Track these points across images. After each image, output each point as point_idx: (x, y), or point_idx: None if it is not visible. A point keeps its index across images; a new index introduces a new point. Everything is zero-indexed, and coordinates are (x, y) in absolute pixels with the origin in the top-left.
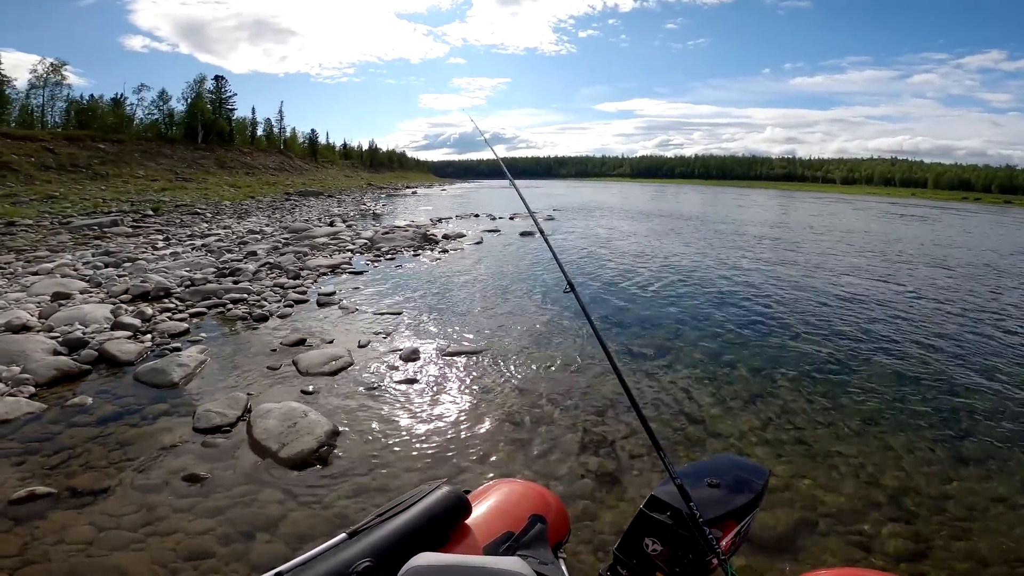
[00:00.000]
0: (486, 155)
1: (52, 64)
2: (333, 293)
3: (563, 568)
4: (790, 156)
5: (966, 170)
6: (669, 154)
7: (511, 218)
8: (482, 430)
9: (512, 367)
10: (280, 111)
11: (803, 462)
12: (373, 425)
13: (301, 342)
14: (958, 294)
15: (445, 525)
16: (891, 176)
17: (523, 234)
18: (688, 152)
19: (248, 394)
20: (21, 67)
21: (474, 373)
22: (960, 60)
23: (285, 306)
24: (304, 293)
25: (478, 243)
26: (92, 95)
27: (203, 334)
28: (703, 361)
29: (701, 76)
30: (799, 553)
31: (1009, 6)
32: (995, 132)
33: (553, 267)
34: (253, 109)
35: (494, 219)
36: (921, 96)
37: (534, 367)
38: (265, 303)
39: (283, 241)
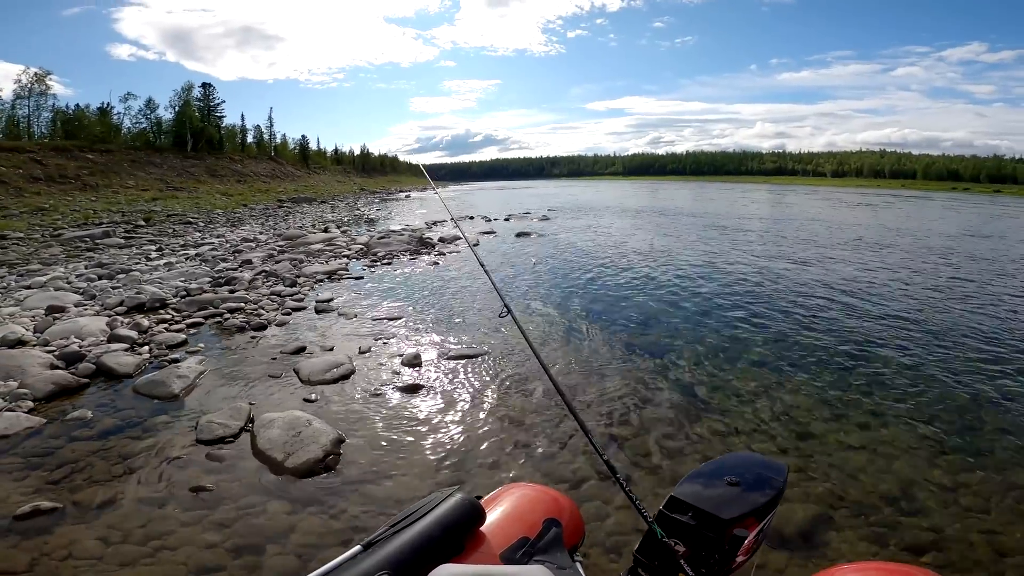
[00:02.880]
0: (478, 157)
1: (36, 74)
2: (331, 299)
3: (581, 571)
4: (780, 151)
5: (954, 160)
6: (661, 151)
7: (506, 219)
8: (488, 434)
9: (515, 369)
10: (270, 117)
11: (815, 456)
12: (378, 432)
13: (301, 350)
14: (947, 280)
15: (460, 533)
16: (881, 168)
17: (519, 235)
18: (679, 149)
19: (250, 404)
20: (5, 77)
21: (477, 376)
22: (942, 53)
23: (283, 314)
24: (302, 300)
25: (474, 245)
26: (78, 105)
27: (201, 344)
28: (707, 356)
29: (689, 73)
30: (816, 548)
31: None
32: (981, 123)
33: (552, 268)
34: (242, 116)
35: (489, 220)
36: (906, 89)
37: (537, 369)
38: (263, 311)
39: (278, 248)
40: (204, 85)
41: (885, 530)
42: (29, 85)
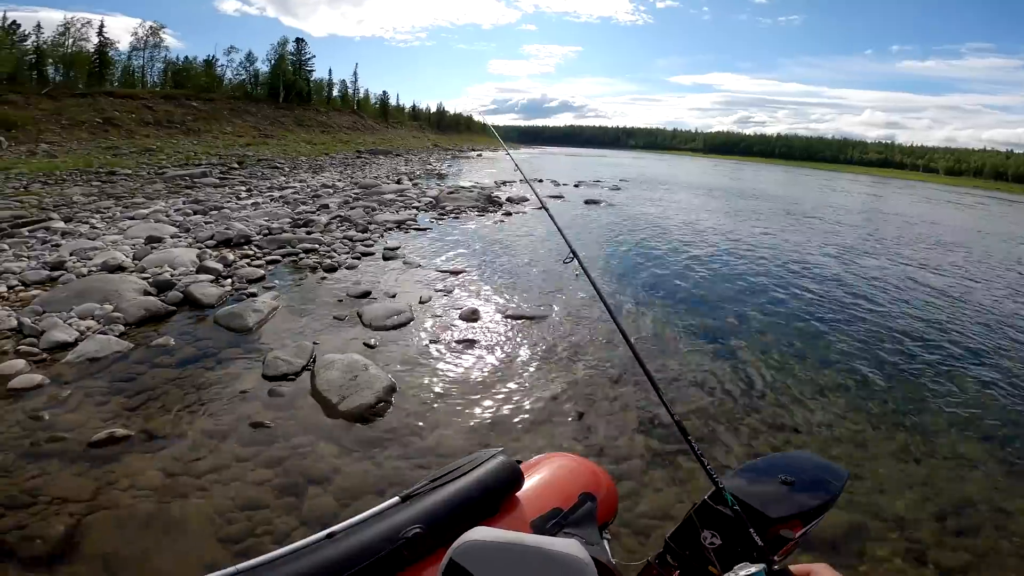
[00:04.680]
0: (552, 122)
1: (151, 27)
2: (398, 248)
3: (607, 549)
4: (888, 142)
5: None
6: (748, 131)
7: (575, 185)
8: (537, 398)
9: (573, 337)
10: (355, 73)
11: (867, 463)
12: (429, 384)
13: (366, 294)
14: None
15: (497, 496)
16: (1004, 169)
17: (587, 202)
18: (771, 131)
19: (314, 343)
20: (124, 30)
21: (533, 339)
22: None
23: (353, 258)
24: (371, 246)
25: (542, 208)
26: (187, 57)
27: (277, 281)
28: (771, 348)
29: (791, 53)
30: (848, 557)
31: None
32: None
33: (619, 238)
34: (330, 71)
35: (558, 185)
36: None
37: (595, 339)
38: (335, 254)
39: (353, 196)
40: (298, 40)
41: (923, 547)
42: (144, 38)
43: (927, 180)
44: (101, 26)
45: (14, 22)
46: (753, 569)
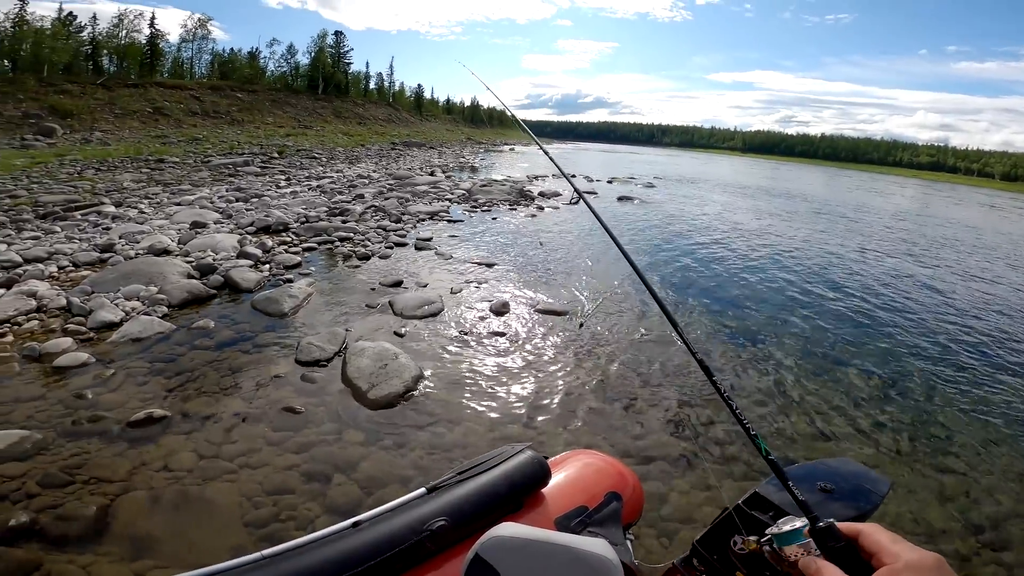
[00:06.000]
0: (586, 117)
1: (200, 19)
2: (431, 239)
3: (631, 549)
4: (942, 144)
5: None
6: (791, 131)
7: (609, 182)
8: (565, 395)
9: (602, 333)
10: (391, 66)
11: (905, 473)
12: (458, 375)
13: (398, 283)
14: None
15: (523, 492)
16: None
17: (620, 199)
18: (815, 131)
19: (346, 330)
20: (175, 23)
21: (562, 334)
22: None
23: (386, 247)
24: (404, 236)
25: (574, 203)
26: (232, 49)
27: (312, 268)
28: (808, 353)
29: (838, 52)
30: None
31: None
32: None
33: (651, 237)
34: (367, 64)
35: (591, 181)
36: None
37: (625, 337)
38: (369, 243)
39: (388, 187)
40: (337, 33)
41: (958, 561)
42: (193, 30)
43: (977, 184)
44: (153, 18)
45: (71, 13)
46: (798, 523)
